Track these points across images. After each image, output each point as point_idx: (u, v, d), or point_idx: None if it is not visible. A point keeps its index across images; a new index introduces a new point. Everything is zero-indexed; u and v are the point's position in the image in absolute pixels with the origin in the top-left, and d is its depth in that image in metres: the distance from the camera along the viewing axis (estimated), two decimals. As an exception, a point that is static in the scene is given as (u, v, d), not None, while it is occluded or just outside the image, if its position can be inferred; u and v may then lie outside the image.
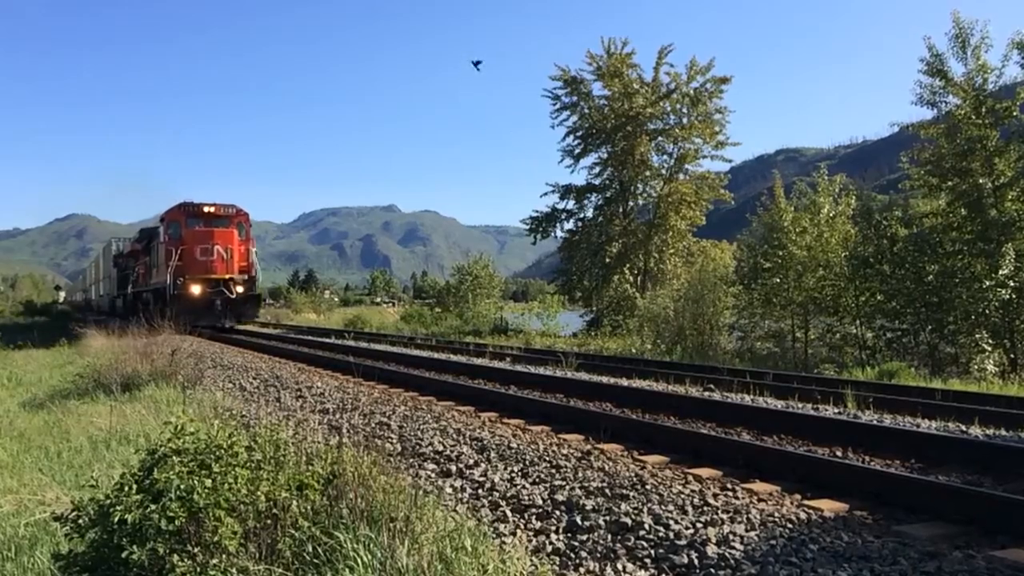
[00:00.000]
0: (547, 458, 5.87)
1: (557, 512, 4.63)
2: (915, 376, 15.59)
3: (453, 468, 5.80)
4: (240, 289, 25.44)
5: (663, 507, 4.56)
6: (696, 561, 3.81)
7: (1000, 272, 17.80)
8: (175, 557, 3.24)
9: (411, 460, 6.15)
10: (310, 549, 3.50)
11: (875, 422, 7.48)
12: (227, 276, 25.35)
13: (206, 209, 26.29)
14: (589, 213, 38.88)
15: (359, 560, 3.38)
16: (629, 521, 4.34)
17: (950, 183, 19.40)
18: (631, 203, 38.32)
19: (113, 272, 41.76)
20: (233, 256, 25.60)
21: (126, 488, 3.50)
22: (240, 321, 26.35)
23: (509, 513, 4.70)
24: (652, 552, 3.96)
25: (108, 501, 3.47)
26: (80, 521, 3.53)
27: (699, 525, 4.24)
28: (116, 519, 3.32)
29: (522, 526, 4.49)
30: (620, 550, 4.01)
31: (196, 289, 24.58)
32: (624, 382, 11.08)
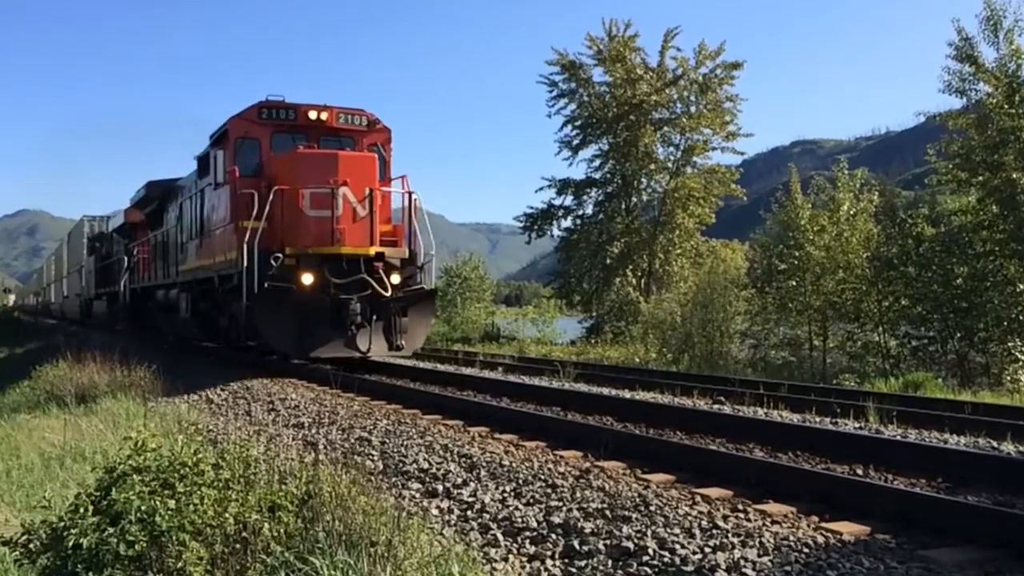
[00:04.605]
0: (542, 477, 5.88)
1: (553, 535, 4.64)
2: (942, 388, 15.67)
3: (440, 488, 5.80)
4: (395, 279, 13.66)
5: (668, 530, 4.57)
6: (704, 589, 3.82)
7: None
8: (135, 585, 3.24)
9: (394, 479, 6.14)
10: (283, 576, 3.50)
11: (899, 437, 7.51)
12: (369, 251, 13.48)
13: (312, 115, 14.53)
14: (589, 210, 38.94)
15: (337, 588, 3.38)
16: (631, 545, 4.34)
17: (981, 178, 19.49)
18: (634, 199, 38.37)
19: (89, 262, 32.31)
20: (375, 210, 13.71)
21: (81, 510, 3.49)
22: (395, 346, 13.70)
23: (501, 536, 4.70)
24: (656, 579, 3.96)
25: (62, 524, 3.46)
26: (31, 546, 3.52)
27: (707, 550, 4.25)
28: (71, 544, 3.32)
29: (515, 551, 4.49)
30: (622, 577, 4.01)
31: (307, 278, 13.01)
32: (626, 394, 11.09)
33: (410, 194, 14.66)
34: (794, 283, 23.24)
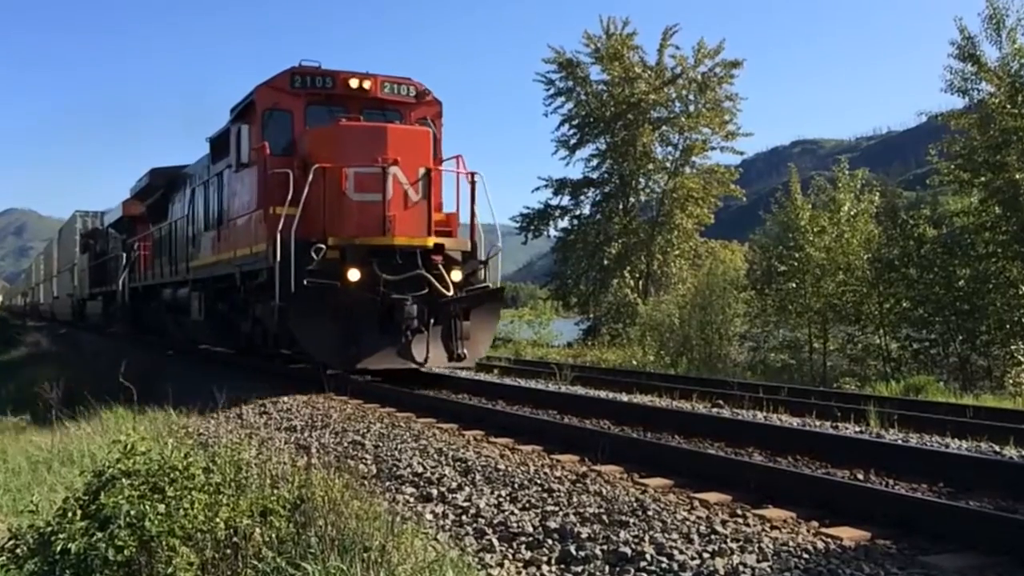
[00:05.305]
0: (538, 481, 5.88)
1: (549, 541, 4.64)
2: (944, 391, 15.71)
3: (434, 492, 5.80)
4: (456, 276, 12.04)
5: (666, 535, 4.57)
6: (702, 595, 3.82)
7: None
8: (124, 591, 3.23)
9: (387, 483, 6.14)
10: (275, 582, 3.49)
11: (900, 442, 7.52)
12: (427, 243, 11.82)
13: (353, 83, 12.85)
14: (586, 210, 38.91)
15: (329, 594, 3.38)
16: (629, 551, 4.35)
17: (983, 178, 19.53)
18: (632, 199, 38.38)
19: (82, 260, 31.13)
20: (431, 195, 12.13)
21: (69, 514, 3.48)
22: (456, 356, 11.85)
23: (496, 542, 4.70)
24: (654, 585, 3.96)
25: (49, 528, 3.45)
26: (18, 551, 3.51)
27: (706, 555, 4.26)
28: (58, 548, 3.31)
29: (510, 556, 4.49)
30: (619, 583, 4.02)
31: (354, 274, 11.26)
32: (624, 397, 11.09)
33: (472, 175, 12.70)
34: (794, 285, 23.26)
